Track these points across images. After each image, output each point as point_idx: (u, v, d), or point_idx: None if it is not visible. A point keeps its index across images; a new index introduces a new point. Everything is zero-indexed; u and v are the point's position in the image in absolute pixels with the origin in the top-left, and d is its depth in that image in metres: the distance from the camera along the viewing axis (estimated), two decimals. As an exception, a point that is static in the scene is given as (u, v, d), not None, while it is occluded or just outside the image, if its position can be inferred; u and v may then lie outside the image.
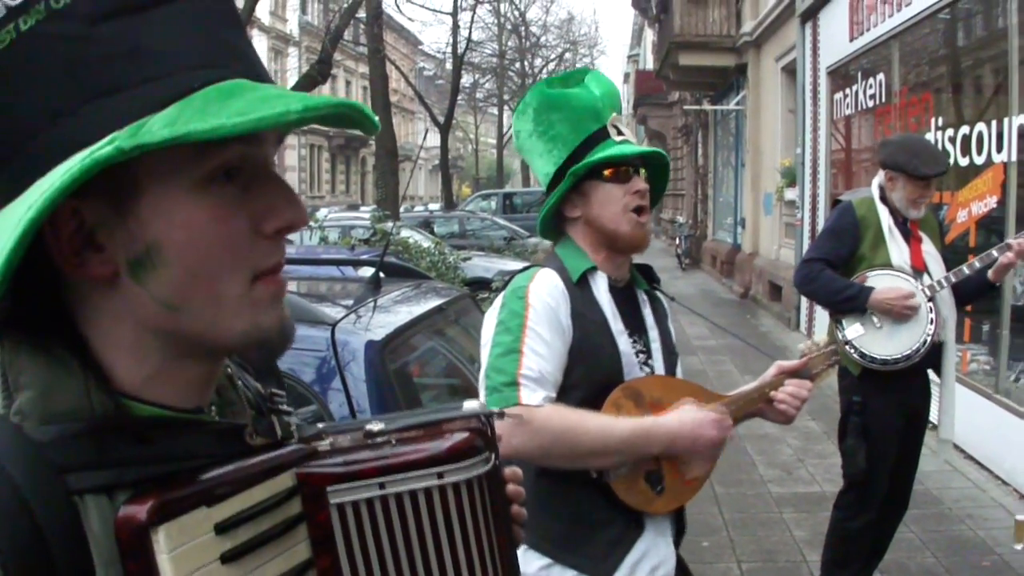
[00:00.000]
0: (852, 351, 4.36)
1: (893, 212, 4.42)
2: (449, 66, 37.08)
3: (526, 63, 47.65)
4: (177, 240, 0.88)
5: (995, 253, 4.28)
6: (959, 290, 4.44)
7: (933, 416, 4.77)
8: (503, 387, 2.17)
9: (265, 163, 0.95)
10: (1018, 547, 4.87)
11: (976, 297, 4.72)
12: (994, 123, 7.37)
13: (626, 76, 61.70)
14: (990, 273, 4.32)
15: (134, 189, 0.87)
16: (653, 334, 2.48)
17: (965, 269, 4.36)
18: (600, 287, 2.38)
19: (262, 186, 0.94)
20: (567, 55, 49.90)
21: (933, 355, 4.43)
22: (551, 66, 48.57)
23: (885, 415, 4.40)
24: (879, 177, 4.51)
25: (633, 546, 2.34)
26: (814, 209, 13.11)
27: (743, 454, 7.53)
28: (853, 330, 4.36)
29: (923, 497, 4.93)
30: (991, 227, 7.60)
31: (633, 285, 2.53)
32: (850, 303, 4.35)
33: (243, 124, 0.82)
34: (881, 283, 4.33)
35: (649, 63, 40.02)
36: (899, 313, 4.26)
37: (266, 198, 0.94)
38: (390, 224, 11.46)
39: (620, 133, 2.43)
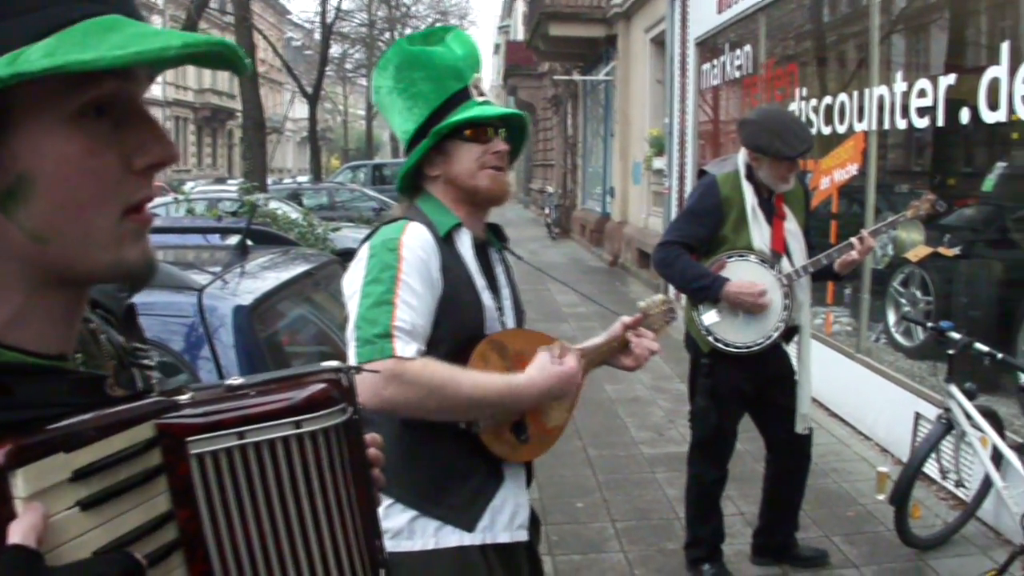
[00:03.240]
0: (707, 335, 4.44)
1: (759, 188, 4.44)
2: (318, 36, 36.43)
3: (396, 33, 47.11)
4: (48, 172, 0.88)
5: (854, 241, 4.41)
6: (826, 270, 4.54)
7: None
8: (376, 338, 2.17)
9: (136, 101, 0.95)
10: (880, 497, 5.12)
11: (824, 280, 4.82)
12: (855, 94, 7.66)
13: (497, 47, 61.68)
14: (836, 265, 4.46)
15: (6, 120, 0.86)
16: (506, 292, 2.54)
17: (823, 260, 4.45)
18: (465, 243, 2.42)
19: (133, 123, 0.94)
20: (437, 25, 49.50)
21: (791, 331, 4.58)
22: (420, 37, 48.05)
23: (733, 379, 4.50)
24: (743, 154, 4.49)
25: (495, 495, 2.42)
26: (682, 178, 13.39)
27: (615, 417, 7.72)
28: (708, 316, 4.42)
29: (790, 453, 5.14)
30: (853, 194, 7.90)
31: (487, 244, 2.57)
32: (703, 293, 4.38)
33: (123, 57, 0.82)
34: (738, 272, 4.36)
35: (520, 34, 40.07)
36: (750, 308, 4.34)
37: (137, 135, 0.94)
38: (259, 196, 11.36)
39: (481, 94, 2.47)
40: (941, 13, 7.39)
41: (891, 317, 7.60)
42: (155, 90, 43.05)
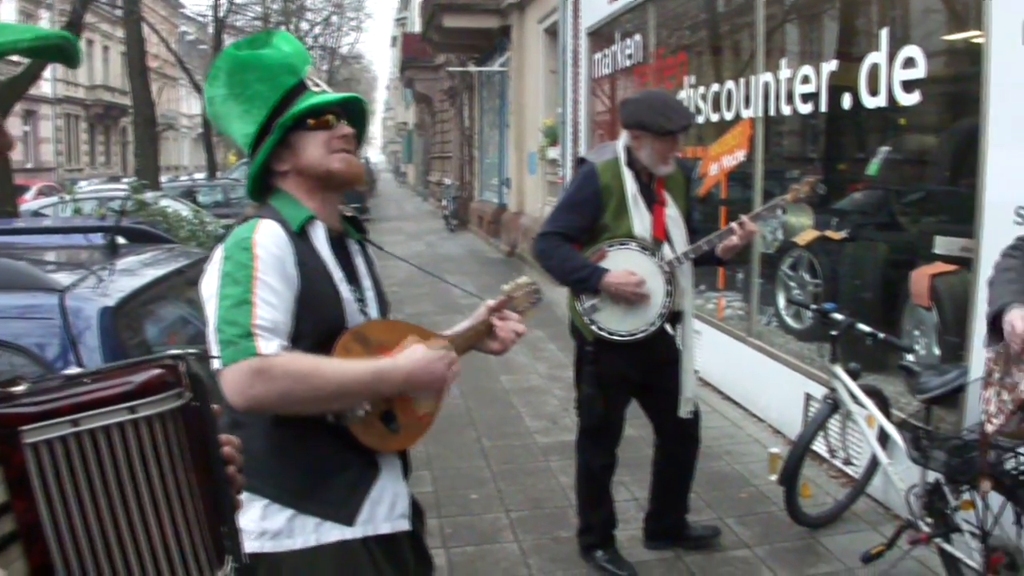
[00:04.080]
0: (590, 324, 4.45)
1: (639, 174, 4.45)
2: (211, 30, 35.79)
3: (291, 26, 46.49)
4: None
5: (734, 226, 4.44)
6: (708, 255, 4.55)
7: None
8: (238, 339, 2.13)
9: None
10: (772, 478, 5.19)
11: (708, 265, 4.83)
12: (742, 81, 7.77)
13: (394, 40, 61.37)
14: (719, 250, 4.48)
15: None
16: (367, 282, 2.52)
17: (704, 246, 4.47)
18: (320, 236, 2.38)
19: None
20: (333, 18, 49.04)
21: (675, 316, 4.61)
22: (317, 29, 47.65)
23: (618, 366, 4.52)
24: (624, 138, 4.47)
25: (372, 487, 2.41)
26: (576, 168, 13.36)
27: (510, 407, 7.73)
28: (590, 306, 4.43)
29: (684, 437, 5.20)
30: (741, 180, 8.01)
31: (344, 235, 2.54)
32: (582, 284, 4.39)
33: None
34: (619, 260, 4.37)
35: (417, 26, 39.92)
36: (628, 299, 4.35)
37: None
38: (149, 194, 11.18)
39: (317, 84, 2.44)
40: (825, 2, 7.53)
41: (781, 300, 7.74)
42: (44, 87, 41.89)
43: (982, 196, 4.69)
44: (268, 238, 2.26)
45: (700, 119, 8.62)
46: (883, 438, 4.79)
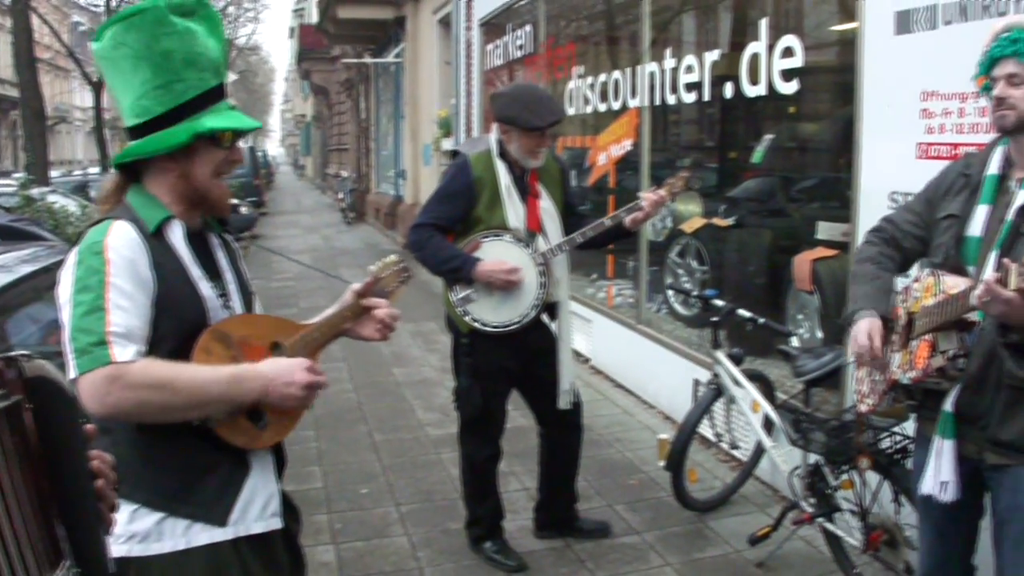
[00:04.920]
0: (464, 315, 4.45)
1: (512, 166, 4.46)
2: (104, 19, 34.79)
3: (189, 17, 45.47)
4: None
5: (622, 214, 4.46)
6: (599, 238, 4.56)
7: (580, 343, 4.93)
8: (92, 347, 2.08)
9: None
10: (661, 464, 5.24)
11: (615, 241, 4.86)
12: (629, 71, 7.82)
13: (292, 31, 60.54)
14: (627, 222, 4.48)
15: None
16: (229, 276, 2.46)
17: (578, 238, 4.48)
18: (177, 235, 2.31)
19: None
20: (230, 9, 48.12)
21: (552, 307, 4.63)
22: (215, 20, 46.71)
23: (495, 358, 4.52)
24: (496, 132, 4.50)
25: (243, 486, 2.37)
26: (451, 159, 13.34)
27: (402, 400, 7.69)
28: (464, 297, 4.43)
29: (577, 427, 5.22)
30: (629, 168, 8.08)
31: (205, 230, 2.47)
32: (455, 274, 4.39)
33: None
34: (493, 252, 4.38)
35: (314, 17, 39.45)
36: (502, 286, 4.36)
37: None
38: (36, 190, 10.90)
39: (225, 95, 2.38)
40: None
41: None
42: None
43: (858, 182, 4.80)
44: (120, 241, 2.19)
45: (589, 109, 8.69)
46: (768, 422, 4.87)
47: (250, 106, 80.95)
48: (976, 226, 2.86)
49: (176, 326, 2.24)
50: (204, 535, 2.29)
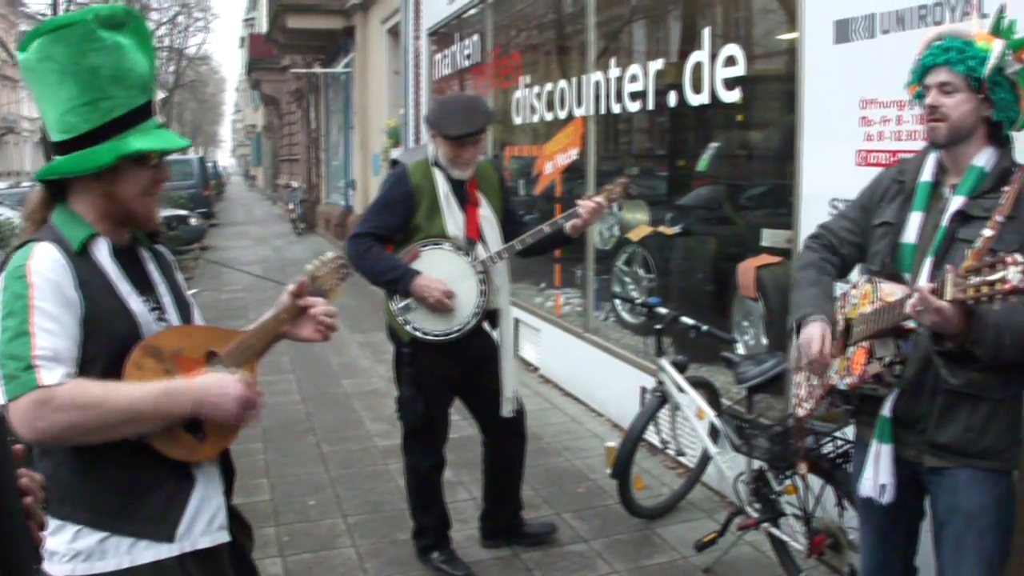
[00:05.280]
0: (405, 324, 4.44)
1: (450, 174, 4.46)
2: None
3: (136, 26, 44.94)
4: None
5: (561, 221, 4.46)
6: (541, 244, 4.57)
7: (529, 352, 4.93)
8: (19, 373, 2.06)
9: None
10: (608, 471, 5.25)
11: (557, 247, 4.87)
12: (575, 80, 7.85)
13: (242, 40, 60.16)
14: (568, 228, 4.49)
15: None
16: (162, 289, 2.43)
17: (517, 246, 4.49)
18: (103, 252, 2.28)
19: None
20: (180, 18, 47.83)
21: (494, 314, 4.63)
22: (163, 30, 46.39)
23: (436, 366, 4.51)
24: (433, 140, 4.52)
25: (189, 500, 2.35)
26: (391, 169, 13.32)
27: (351, 411, 7.64)
28: (404, 307, 4.42)
29: (525, 435, 5.22)
30: (575, 177, 8.11)
31: (135, 244, 2.44)
32: (393, 286, 4.39)
33: None
34: (432, 261, 4.38)
35: (265, 27, 39.25)
36: (435, 304, 4.34)
37: None
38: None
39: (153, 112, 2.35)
40: (653, 4, 7.67)
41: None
42: None
43: (799, 189, 4.84)
44: (43, 264, 2.16)
45: (535, 118, 8.71)
46: (713, 428, 4.89)
47: (201, 116, 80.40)
48: (910, 233, 2.89)
49: (107, 344, 2.21)
50: (150, 552, 2.26)
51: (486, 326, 4.62)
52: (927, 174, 2.94)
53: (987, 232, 2.60)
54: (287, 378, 8.66)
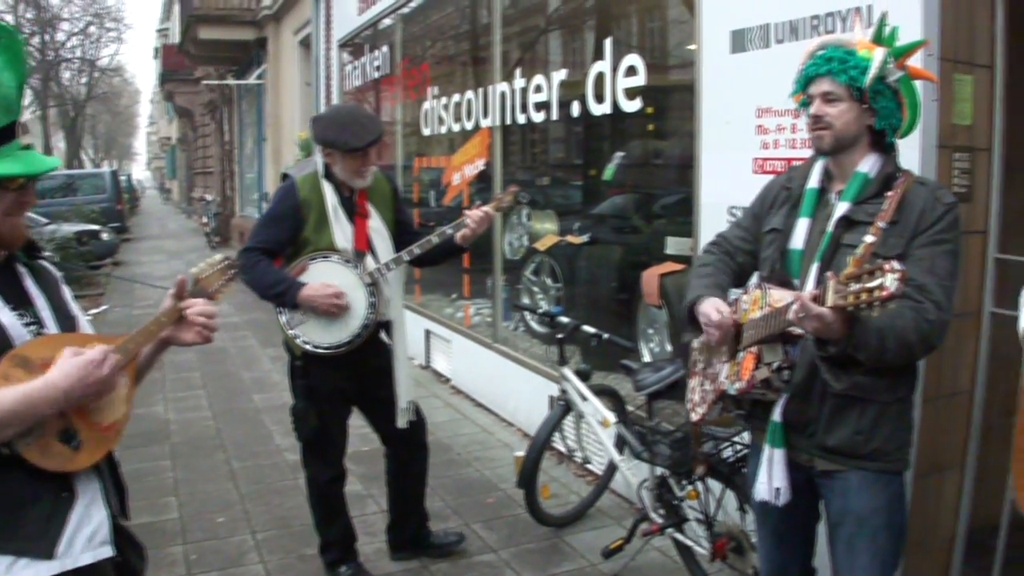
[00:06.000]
0: (295, 338, 4.43)
1: (340, 187, 4.46)
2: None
3: (47, 36, 44.00)
4: None
5: (449, 231, 4.48)
6: (432, 254, 4.58)
7: (440, 363, 4.91)
8: None
9: None
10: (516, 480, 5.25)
11: (451, 257, 4.86)
12: (481, 92, 7.87)
13: (156, 51, 59.25)
14: (458, 238, 4.52)
15: None
16: (40, 303, 2.38)
17: (405, 256, 4.49)
18: None
19: None
20: (92, 28, 46.84)
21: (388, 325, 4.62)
22: (74, 40, 45.48)
23: (330, 379, 4.50)
24: (320, 153, 4.51)
25: (69, 516, 2.28)
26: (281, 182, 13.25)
27: (261, 427, 7.55)
28: (293, 319, 4.41)
29: (434, 446, 5.18)
30: (483, 188, 8.12)
31: (11, 261, 2.38)
32: (281, 299, 4.38)
33: None
34: (320, 273, 4.37)
35: (178, 37, 38.72)
36: (325, 311, 4.34)
37: None
38: None
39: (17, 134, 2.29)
40: (557, 15, 7.72)
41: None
42: None
43: (698, 197, 4.90)
44: None
45: (443, 129, 8.72)
46: (619, 435, 4.91)
47: (115, 129, 78.90)
48: (798, 239, 2.94)
49: None
50: (29, 571, 2.19)
51: (384, 337, 4.61)
52: (814, 181, 2.99)
53: (869, 238, 2.66)
54: (197, 394, 8.54)
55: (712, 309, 3.01)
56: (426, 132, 9.28)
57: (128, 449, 6.69)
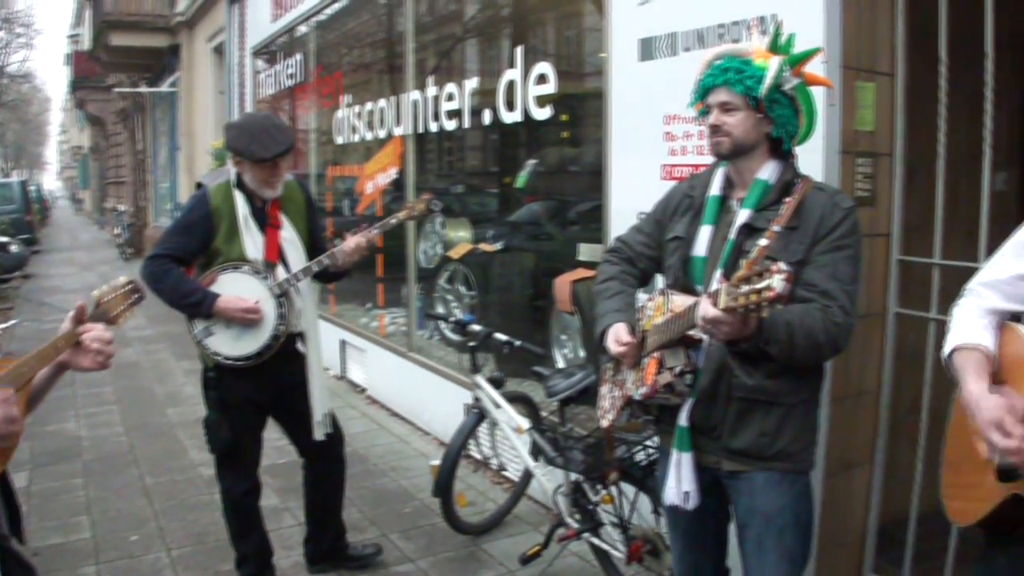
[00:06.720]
0: (206, 349, 4.38)
1: (252, 196, 4.42)
2: None
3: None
4: None
5: (326, 260, 4.45)
6: (327, 273, 4.58)
7: (356, 373, 4.88)
8: None
9: None
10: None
11: (337, 279, 4.85)
12: (394, 100, 7.86)
13: (67, 57, 58.08)
14: (342, 262, 4.49)
15: None
16: None
17: (314, 267, 4.48)
18: None
19: None
20: (1, 33, 45.69)
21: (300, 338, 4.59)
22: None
23: (242, 390, 4.45)
24: (231, 161, 4.48)
25: None
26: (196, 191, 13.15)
27: (175, 442, 7.43)
28: (204, 330, 4.36)
29: (350, 457, 5.13)
30: (396, 197, 8.11)
31: None
32: (195, 309, 4.32)
33: None
34: (230, 284, 4.33)
35: (89, 43, 37.92)
36: (240, 322, 4.32)
37: None
38: None
39: None
40: (470, 22, 7.73)
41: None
42: None
43: (608, 203, 4.95)
44: None
45: (356, 138, 8.69)
46: (534, 442, 4.93)
47: (24, 137, 77.18)
48: (700, 246, 2.97)
49: None
50: None
51: (300, 348, 4.57)
52: (715, 188, 3.03)
53: (762, 242, 2.69)
54: (110, 410, 8.38)
55: (613, 342, 3.03)
56: (339, 140, 9.23)
57: (39, 468, 6.56)
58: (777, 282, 2.20)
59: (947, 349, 2.47)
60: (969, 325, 2.44)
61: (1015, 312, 2.41)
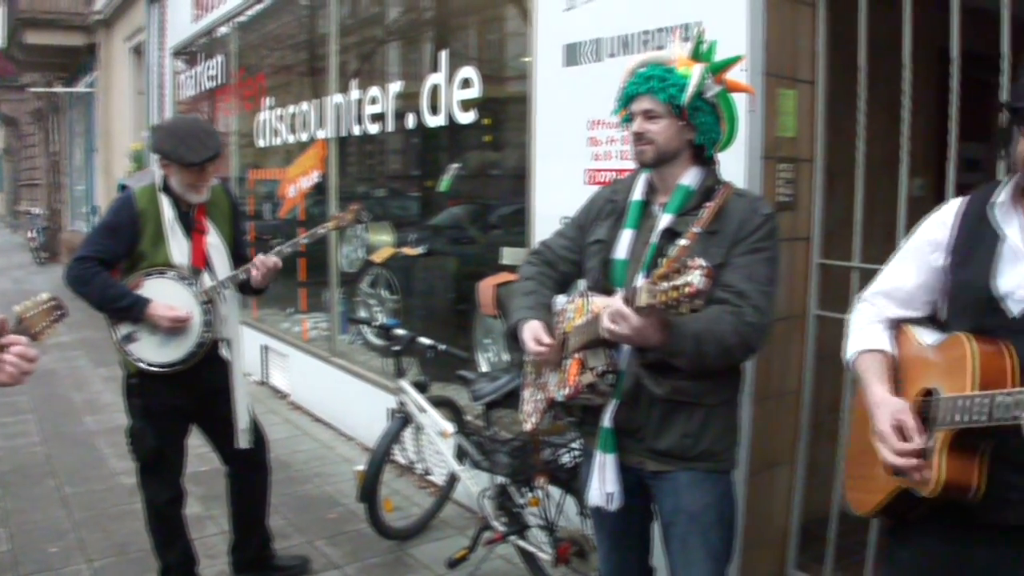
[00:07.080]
0: (128, 355, 4.31)
1: (178, 200, 4.35)
2: None
3: None
4: None
5: (242, 276, 4.40)
6: (246, 286, 4.53)
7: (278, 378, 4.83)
8: None
9: None
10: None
11: (259, 295, 4.79)
12: (317, 103, 7.82)
13: (-20, 55, 56.70)
14: (254, 281, 4.46)
15: None
16: None
17: (241, 275, 4.43)
18: None
19: None
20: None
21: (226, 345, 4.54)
22: None
23: (166, 397, 4.37)
24: (158, 164, 4.39)
25: None
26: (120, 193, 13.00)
27: (94, 450, 7.26)
28: (127, 336, 4.28)
29: (274, 463, 5.05)
30: (318, 200, 8.06)
31: None
32: (126, 313, 4.23)
33: None
34: (155, 290, 4.26)
35: (2, 41, 37.03)
36: (169, 330, 4.26)
37: None
38: None
39: None
40: (394, 26, 7.72)
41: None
42: None
43: (531, 207, 4.97)
44: None
45: (278, 141, 8.63)
46: (459, 445, 4.93)
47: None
48: (622, 250, 2.99)
49: None
50: None
51: (225, 355, 4.51)
52: (638, 193, 3.06)
53: (683, 242, 2.74)
54: (25, 419, 8.16)
55: (530, 339, 3.05)
56: (261, 144, 9.16)
57: (-48, 482, 6.39)
58: (696, 278, 2.23)
59: (850, 353, 2.56)
60: (870, 330, 2.54)
61: (908, 318, 2.51)
